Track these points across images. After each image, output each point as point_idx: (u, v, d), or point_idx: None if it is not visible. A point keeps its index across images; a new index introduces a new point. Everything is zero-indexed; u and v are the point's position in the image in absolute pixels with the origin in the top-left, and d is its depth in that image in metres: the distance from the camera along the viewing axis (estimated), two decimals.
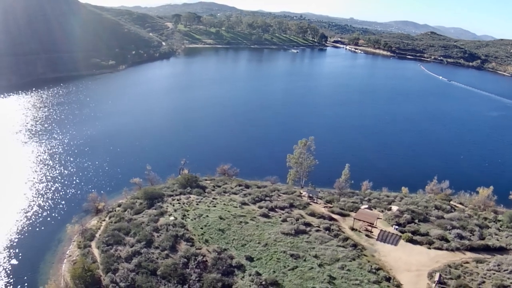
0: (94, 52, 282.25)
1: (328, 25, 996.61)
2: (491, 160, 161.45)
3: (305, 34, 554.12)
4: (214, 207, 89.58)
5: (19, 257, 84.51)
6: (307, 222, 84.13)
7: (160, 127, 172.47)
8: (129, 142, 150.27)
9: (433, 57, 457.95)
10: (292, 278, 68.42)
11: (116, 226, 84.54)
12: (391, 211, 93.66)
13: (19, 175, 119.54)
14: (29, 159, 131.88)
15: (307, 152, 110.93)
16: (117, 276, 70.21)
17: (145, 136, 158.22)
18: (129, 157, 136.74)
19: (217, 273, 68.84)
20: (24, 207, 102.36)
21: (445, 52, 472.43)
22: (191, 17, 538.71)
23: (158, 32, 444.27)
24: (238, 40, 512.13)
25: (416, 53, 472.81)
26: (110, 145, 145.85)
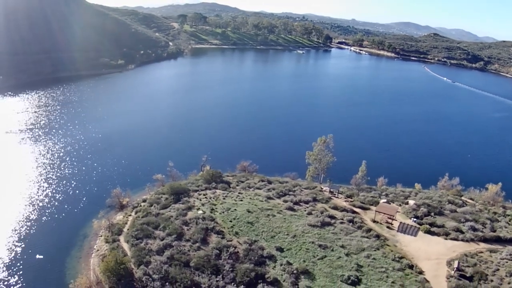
0: (103, 51, 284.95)
1: (331, 26, 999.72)
2: (497, 159, 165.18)
3: (310, 35, 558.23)
4: (241, 201, 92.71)
5: (45, 253, 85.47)
6: (331, 215, 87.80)
7: (177, 125, 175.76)
8: (147, 140, 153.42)
9: (436, 58, 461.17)
10: (321, 266, 71.91)
11: (144, 221, 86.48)
12: (408, 205, 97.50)
13: (39, 173, 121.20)
14: (48, 156, 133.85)
15: (325, 149, 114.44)
16: (150, 268, 71.81)
17: (162, 134, 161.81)
18: (147, 154, 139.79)
19: (250, 263, 71.36)
20: (46, 204, 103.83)
21: (449, 53, 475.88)
22: (196, 18, 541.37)
23: (164, 32, 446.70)
24: (244, 41, 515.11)
25: (420, 55, 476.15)
26: (128, 142, 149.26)
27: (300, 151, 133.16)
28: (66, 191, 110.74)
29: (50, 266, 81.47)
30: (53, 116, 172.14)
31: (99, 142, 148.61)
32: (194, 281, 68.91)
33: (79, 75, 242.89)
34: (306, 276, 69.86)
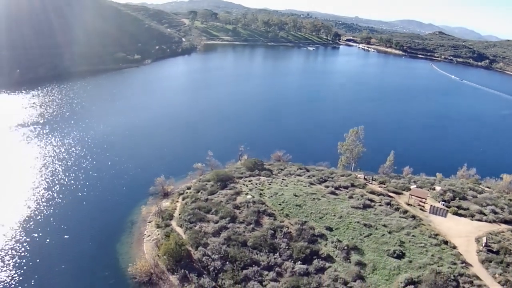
0: (118, 46, 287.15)
1: (335, 24, 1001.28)
2: (509, 152, 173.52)
3: (318, 32, 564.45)
4: (286, 187, 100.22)
5: (95, 240, 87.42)
6: (369, 198, 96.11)
7: (209, 117, 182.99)
8: (182, 132, 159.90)
9: (443, 56, 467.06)
10: (368, 243, 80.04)
11: (195, 206, 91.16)
12: (435, 191, 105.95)
13: (79, 164, 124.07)
14: (88, 147, 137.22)
15: (357, 140, 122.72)
16: (209, 249, 76.51)
17: (195, 126, 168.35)
18: (184, 145, 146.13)
19: (303, 242, 78.34)
20: (90, 195, 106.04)
21: (455, 52, 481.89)
22: (207, 14, 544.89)
23: (176, 28, 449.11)
24: (255, 37, 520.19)
25: (427, 53, 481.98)
26: (165, 134, 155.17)
27: (325, 143, 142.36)
28: (107, 181, 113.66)
29: (102, 253, 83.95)
30: (83, 109, 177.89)
31: (135, 133, 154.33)
32: (253, 259, 74.89)
33: (96, 70, 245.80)
34: (355, 251, 77.85)
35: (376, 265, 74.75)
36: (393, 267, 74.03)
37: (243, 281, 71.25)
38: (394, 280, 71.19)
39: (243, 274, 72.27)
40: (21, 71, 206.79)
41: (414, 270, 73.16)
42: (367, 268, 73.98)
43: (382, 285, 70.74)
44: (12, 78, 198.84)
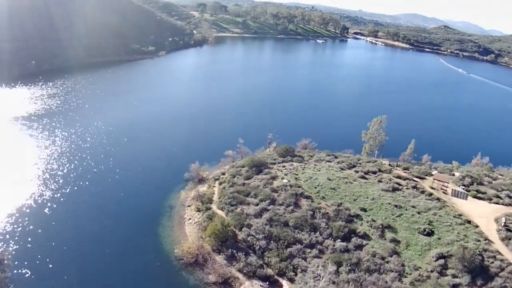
0: (132, 38, 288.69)
1: (340, 17, 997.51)
2: None
3: (327, 25, 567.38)
4: (319, 171, 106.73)
5: (135, 225, 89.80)
6: (397, 182, 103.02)
7: (230, 108, 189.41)
8: (207, 121, 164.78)
9: (449, 50, 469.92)
10: (400, 222, 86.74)
11: (233, 190, 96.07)
12: (455, 176, 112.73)
13: (110, 152, 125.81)
14: (115, 136, 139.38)
15: (380, 129, 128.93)
16: (252, 230, 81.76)
17: (219, 115, 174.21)
18: (210, 134, 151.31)
19: (341, 221, 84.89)
20: (125, 182, 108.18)
21: (461, 46, 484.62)
22: (216, 7, 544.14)
23: (186, 21, 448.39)
24: (265, 30, 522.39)
25: (433, 46, 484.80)
26: (190, 123, 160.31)
27: (345, 132, 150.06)
28: (141, 169, 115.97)
29: (144, 237, 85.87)
30: (109, 99, 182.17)
31: (164, 122, 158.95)
32: (296, 238, 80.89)
33: (111, 61, 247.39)
34: (389, 230, 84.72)
35: (408, 242, 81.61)
36: (424, 243, 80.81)
37: (288, 258, 77.27)
38: (426, 255, 78.11)
39: (288, 252, 78.23)
40: (36, 62, 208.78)
41: (443, 246, 79.98)
42: (401, 245, 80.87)
43: (415, 259, 77.68)
44: (27, 69, 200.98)
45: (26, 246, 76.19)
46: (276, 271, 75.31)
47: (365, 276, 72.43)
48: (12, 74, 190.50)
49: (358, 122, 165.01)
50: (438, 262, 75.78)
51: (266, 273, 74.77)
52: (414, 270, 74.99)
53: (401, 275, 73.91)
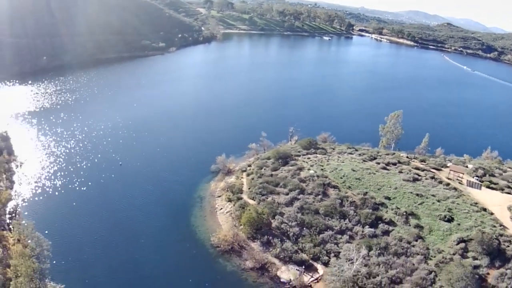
0: (142, 35, 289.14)
1: (343, 14, 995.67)
2: None
3: (332, 22, 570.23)
4: (343, 163, 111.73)
5: (168, 216, 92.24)
6: (416, 173, 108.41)
7: (248, 103, 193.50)
8: (227, 115, 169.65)
9: (453, 48, 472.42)
10: (422, 210, 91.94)
11: (262, 180, 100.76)
12: (468, 168, 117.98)
13: (134, 146, 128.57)
14: (137, 129, 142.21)
15: (397, 123, 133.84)
16: (285, 217, 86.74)
17: (238, 110, 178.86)
18: (230, 128, 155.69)
19: (368, 209, 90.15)
20: (153, 175, 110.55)
21: (464, 43, 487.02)
22: (223, 3, 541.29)
23: (193, 17, 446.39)
24: (271, 27, 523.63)
25: (438, 44, 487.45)
26: (210, 117, 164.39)
27: (359, 126, 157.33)
28: (168, 163, 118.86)
29: (178, 227, 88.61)
30: (126, 93, 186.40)
31: (185, 116, 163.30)
32: (327, 225, 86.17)
33: (122, 57, 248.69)
34: (413, 216, 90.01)
35: (431, 227, 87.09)
36: (446, 229, 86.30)
37: (321, 243, 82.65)
38: (448, 240, 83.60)
39: (320, 237, 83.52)
40: (47, 58, 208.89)
41: (463, 231, 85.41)
42: (424, 230, 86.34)
43: (438, 243, 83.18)
44: (38, 65, 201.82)
45: (62, 238, 77.06)
46: (311, 256, 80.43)
47: (394, 259, 78.02)
48: (23, 69, 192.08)
49: (371, 117, 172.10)
50: (459, 245, 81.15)
51: (301, 258, 79.68)
52: (437, 253, 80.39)
53: (426, 257, 79.39)
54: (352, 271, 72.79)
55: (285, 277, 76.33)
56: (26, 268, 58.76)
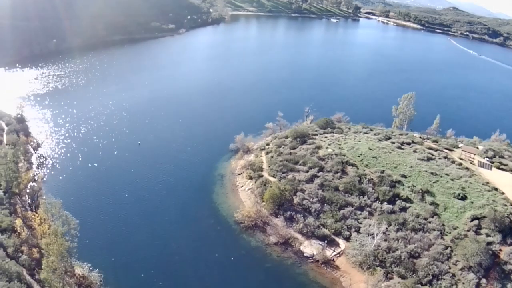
0: (151, 16, 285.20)
1: None
2: None
3: (339, 5, 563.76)
4: (359, 142, 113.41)
5: (191, 194, 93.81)
6: (429, 153, 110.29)
7: (261, 83, 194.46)
8: (237, 96, 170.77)
9: (459, 32, 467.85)
10: (437, 188, 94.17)
11: (282, 158, 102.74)
12: (479, 149, 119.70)
13: (151, 125, 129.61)
14: (154, 109, 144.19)
15: (409, 105, 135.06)
16: (306, 194, 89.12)
17: (252, 90, 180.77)
18: (245, 108, 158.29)
19: (386, 186, 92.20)
20: (170, 154, 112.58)
21: (470, 27, 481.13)
22: None
23: None
24: (279, 9, 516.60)
25: (444, 28, 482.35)
26: (223, 98, 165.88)
27: (370, 106, 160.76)
28: (184, 142, 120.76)
29: (201, 204, 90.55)
30: (137, 75, 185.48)
31: (197, 97, 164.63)
32: (347, 201, 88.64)
33: (133, 38, 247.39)
34: (428, 194, 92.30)
35: (446, 205, 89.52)
36: (460, 206, 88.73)
37: (342, 219, 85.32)
38: (462, 217, 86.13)
39: (341, 213, 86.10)
40: (57, 41, 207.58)
41: (476, 209, 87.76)
42: (440, 208, 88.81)
43: (453, 220, 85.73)
44: (48, 48, 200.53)
45: (84, 218, 75.63)
46: (332, 231, 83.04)
47: (412, 234, 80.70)
48: (33, 52, 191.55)
49: (381, 99, 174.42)
50: (473, 223, 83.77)
51: (323, 233, 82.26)
52: (453, 229, 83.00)
53: (442, 233, 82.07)
54: (373, 246, 75.28)
55: (309, 251, 79.02)
56: (59, 246, 58.05)
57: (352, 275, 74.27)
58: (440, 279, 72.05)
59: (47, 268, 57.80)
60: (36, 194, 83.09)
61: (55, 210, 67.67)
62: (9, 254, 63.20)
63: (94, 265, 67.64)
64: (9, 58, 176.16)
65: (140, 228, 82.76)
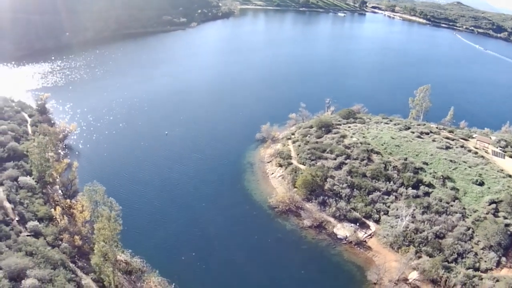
0: (161, 10, 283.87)
1: None
2: None
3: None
4: (382, 131, 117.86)
5: (224, 182, 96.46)
6: (447, 142, 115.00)
7: (280, 76, 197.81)
8: (257, 89, 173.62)
9: (464, 26, 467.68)
10: (456, 174, 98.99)
11: (309, 147, 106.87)
12: (492, 139, 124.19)
13: (175, 116, 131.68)
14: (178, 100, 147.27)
15: (425, 96, 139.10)
16: (336, 180, 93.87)
17: (271, 83, 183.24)
18: (267, 99, 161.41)
19: (409, 173, 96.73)
20: (198, 144, 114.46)
21: (475, 22, 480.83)
22: None
23: None
24: (287, 3, 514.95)
25: (449, 22, 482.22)
26: (243, 90, 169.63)
27: (385, 98, 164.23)
28: (210, 132, 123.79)
29: (235, 191, 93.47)
30: (155, 68, 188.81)
31: (218, 88, 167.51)
32: (374, 186, 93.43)
33: (145, 32, 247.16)
34: (449, 180, 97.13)
35: (465, 190, 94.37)
36: (478, 191, 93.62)
37: (371, 203, 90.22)
38: (481, 201, 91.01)
39: (370, 198, 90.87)
40: (70, 34, 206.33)
41: (493, 194, 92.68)
42: (460, 192, 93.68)
43: (473, 204, 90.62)
44: (61, 41, 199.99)
45: (122, 206, 71.18)
46: (363, 214, 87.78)
47: (436, 216, 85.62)
48: (46, 46, 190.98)
49: (394, 91, 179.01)
50: (491, 206, 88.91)
51: (354, 216, 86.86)
52: (473, 212, 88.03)
53: (463, 216, 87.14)
54: (402, 227, 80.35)
55: (342, 233, 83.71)
56: (110, 231, 56.63)
57: (384, 255, 79.18)
58: (464, 257, 77.20)
59: (99, 253, 57.29)
60: (70, 182, 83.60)
61: (99, 197, 67.41)
62: (49, 243, 63.97)
63: (134, 251, 69.15)
64: (22, 52, 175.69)
65: (177, 215, 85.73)
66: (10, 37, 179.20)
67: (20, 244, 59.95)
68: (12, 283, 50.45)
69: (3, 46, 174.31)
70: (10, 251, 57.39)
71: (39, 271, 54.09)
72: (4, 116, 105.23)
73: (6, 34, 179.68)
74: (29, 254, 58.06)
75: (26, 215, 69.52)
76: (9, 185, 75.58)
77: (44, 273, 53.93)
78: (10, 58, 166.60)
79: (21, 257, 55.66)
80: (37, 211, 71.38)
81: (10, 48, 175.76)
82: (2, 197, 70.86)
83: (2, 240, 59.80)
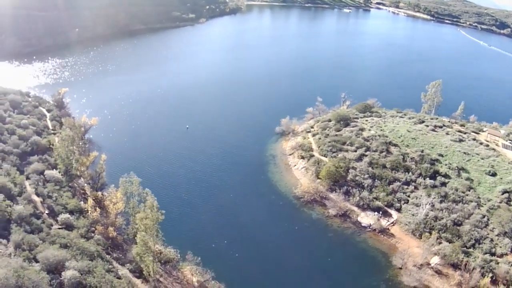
0: (170, 6, 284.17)
1: None
2: None
3: None
4: (398, 125, 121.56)
5: (248, 173, 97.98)
6: (460, 135, 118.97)
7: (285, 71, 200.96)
8: (271, 84, 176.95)
9: (468, 23, 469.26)
10: (470, 165, 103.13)
11: (329, 139, 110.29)
12: (501, 133, 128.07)
13: (194, 111, 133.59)
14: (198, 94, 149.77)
15: (437, 91, 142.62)
16: (358, 171, 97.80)
17: (287, 78, 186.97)
18: (284, 94, 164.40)
19: (426, 164, 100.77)
20: (220, 138, 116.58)
21: (478, 19, 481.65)
22: None
23: None
24: None
25: (453, 18, 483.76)
26: (259, 86, 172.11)
27: (396, 93, 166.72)
28: (230, 126, 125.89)
29: (260, 182, 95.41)
30: (167, 63, 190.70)
31: (235, 84, 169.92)
32: (394, 177, 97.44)
33: (154, 28, 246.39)
34: (463, 171, 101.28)
35: (479, 180, 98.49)
36: (491, 181, 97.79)
37: (392, 193, 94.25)
38: (494, 191, 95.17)
39: (390, 188, 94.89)
40: (80, 30, 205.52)
41: (505, 184, 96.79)
42: (474, 183, 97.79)
43: (486, 193, 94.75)
44: (70, 37, 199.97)
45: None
46: (385, 203, 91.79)
47: (453, 205, 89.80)
48: (56, 42, 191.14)
49: (403, 86, 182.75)
50: (504, 195, 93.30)
51: (377, 205, 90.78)
52: (487, 201, 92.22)
53: (479, 204, 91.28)
54: (423, 215, 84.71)
55: (366, 222, 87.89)
56: (153, 221, 56.42)
57: (406, 241, 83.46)
58: (481, 243, 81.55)
59: (141, 242, 56.97)
60: (98, 175, 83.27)
61: (134, 188, 67.33)
62: (82, 235, 63.98)
63: (167, 241, 68.98)
64: (31, 48, 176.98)
65: (206, 207, 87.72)
66: (19, 33, 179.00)
67: (54, 237, 59.46)
68: (50, 275, 49.85)
69: (13, 42, 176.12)
70: (45, 244, 56.78)
71: (77, 263, 53.98)
72: (23, 110, 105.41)
73: (15, 30, 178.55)
74: (64, 247, 57.76)
75: (55, 208, 69.22)
76: (36, 178, 74.89)
77: (83, 265, 53.99)
78: (20, 54, 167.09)
79: (58, 250, 55.18)
80: (67, 204, 71.20)
81: (19, 45, 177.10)
82: (30, 191, 70.62)
83: (35, 233, 59.19)
